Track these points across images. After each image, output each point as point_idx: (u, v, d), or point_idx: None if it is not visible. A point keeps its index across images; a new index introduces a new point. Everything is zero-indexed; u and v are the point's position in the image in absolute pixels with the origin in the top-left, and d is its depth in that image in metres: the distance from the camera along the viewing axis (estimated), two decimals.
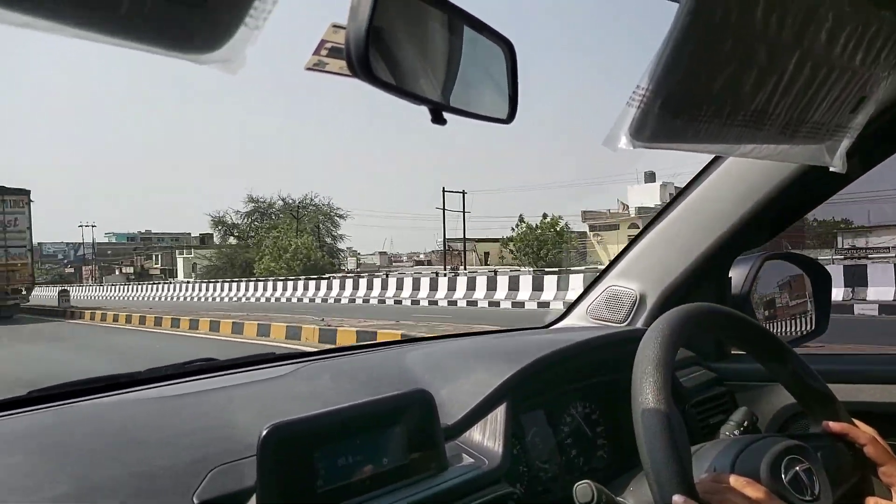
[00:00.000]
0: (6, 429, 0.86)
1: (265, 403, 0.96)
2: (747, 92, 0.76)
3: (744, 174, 1.28)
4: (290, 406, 0.94)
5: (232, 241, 50.78)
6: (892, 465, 0.86)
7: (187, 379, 1.10)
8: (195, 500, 0.71)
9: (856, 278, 12.65)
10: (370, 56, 0.52)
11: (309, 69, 0.72)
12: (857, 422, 0.92)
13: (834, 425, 0.90)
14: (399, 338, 6.87)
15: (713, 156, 1.30)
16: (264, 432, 0.72)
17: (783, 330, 1.52)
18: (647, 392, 0.76)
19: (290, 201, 49.19)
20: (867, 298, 12.21)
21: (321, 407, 0.82)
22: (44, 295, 33.61)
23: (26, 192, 23.14)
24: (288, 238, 42.39)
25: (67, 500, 0.67)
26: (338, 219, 49.25)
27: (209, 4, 0.41)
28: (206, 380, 1.09)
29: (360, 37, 0.51)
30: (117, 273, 78.93)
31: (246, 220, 50.76)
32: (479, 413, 0.97)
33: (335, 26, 0.69)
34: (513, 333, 1.47)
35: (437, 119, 0.64)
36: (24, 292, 22.83)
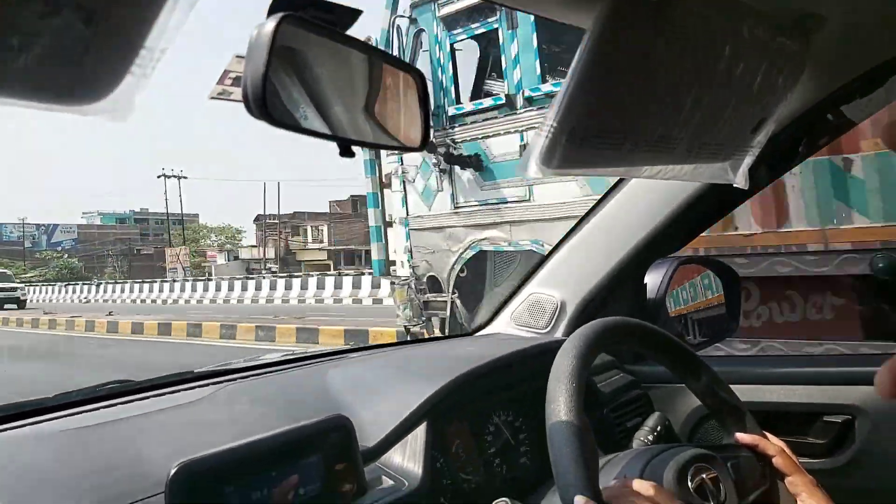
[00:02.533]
0: None
1: (178, 434, 0.93)
2: (651, 119, 0.78)
3: (656, 185, 1.32)
4: (205, 436, 0.92)
5: None
6: (799, 475, 0.91)
7: (99, 405, 1.05)
8: None
9: None
10: (268, 97, 0.51)
11: (213, 98, 0.70)
12: (767, 434, 0.96)
13: (744, 437, 0.94)
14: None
15: None
16: (172, 471, 0.70)
17: (695, 331, 1.58)
18: (559, 403, 0.79)
19: None
20: None
21: (237, 435, 0.80)
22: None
23: None
24: None
25: None
26: None
27: (87, 62, 0.39)
28: (120, 405, 1.05)
29: (258, 80, 0.50)
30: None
31: None
32: (398, 434, 0.97)
33: (238, 57, 0.67)
34: (439, 343, 1.48)
35: (346, 153, 0.64)
36: None
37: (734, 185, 1.01)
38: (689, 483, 0.84)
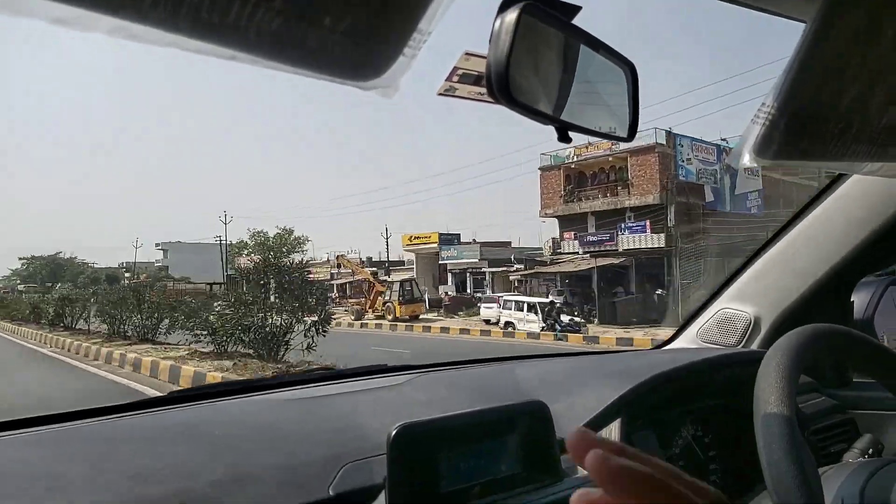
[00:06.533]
0: (155, 422, 0.96)
1: (388, 409, 1.01)
2: (876, 108, 0.75)
3: (866, 193, 1.23)
4: (412, 412, 0.99)
5: None
6: None
7: (310, 385, 1.17)
8: (331, 492, 0.77)
9: None
10: (510, 81, 0.56)
11: (441, 94, 0.78)
12: None
13: None
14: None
15: (835, 174, 1.27)
16: (394, 431, 0.77)
17: None
18: (772, 421, 0.71)
19: None
20: None
21: (440, 414, 0.86)
22: None
23: None
24: None
25: (223, 486, 0.74)
26: None
27: (375, 38, 0.46)
28: (327, 386, 1.16)
29: (501, 63, 0.55)
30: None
31: None
32: (594, 426, 0.98)
33: (468, 54, 0.74)
34: (622, 354, 1.46)
35: (563, 137, 0.68)
36: None
37: None
38: None
